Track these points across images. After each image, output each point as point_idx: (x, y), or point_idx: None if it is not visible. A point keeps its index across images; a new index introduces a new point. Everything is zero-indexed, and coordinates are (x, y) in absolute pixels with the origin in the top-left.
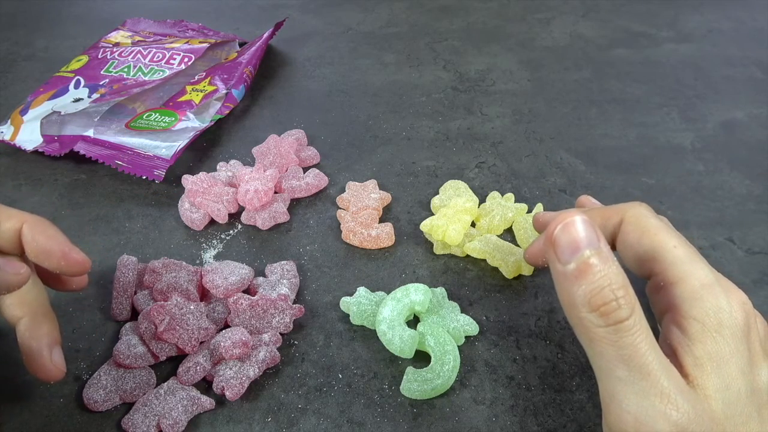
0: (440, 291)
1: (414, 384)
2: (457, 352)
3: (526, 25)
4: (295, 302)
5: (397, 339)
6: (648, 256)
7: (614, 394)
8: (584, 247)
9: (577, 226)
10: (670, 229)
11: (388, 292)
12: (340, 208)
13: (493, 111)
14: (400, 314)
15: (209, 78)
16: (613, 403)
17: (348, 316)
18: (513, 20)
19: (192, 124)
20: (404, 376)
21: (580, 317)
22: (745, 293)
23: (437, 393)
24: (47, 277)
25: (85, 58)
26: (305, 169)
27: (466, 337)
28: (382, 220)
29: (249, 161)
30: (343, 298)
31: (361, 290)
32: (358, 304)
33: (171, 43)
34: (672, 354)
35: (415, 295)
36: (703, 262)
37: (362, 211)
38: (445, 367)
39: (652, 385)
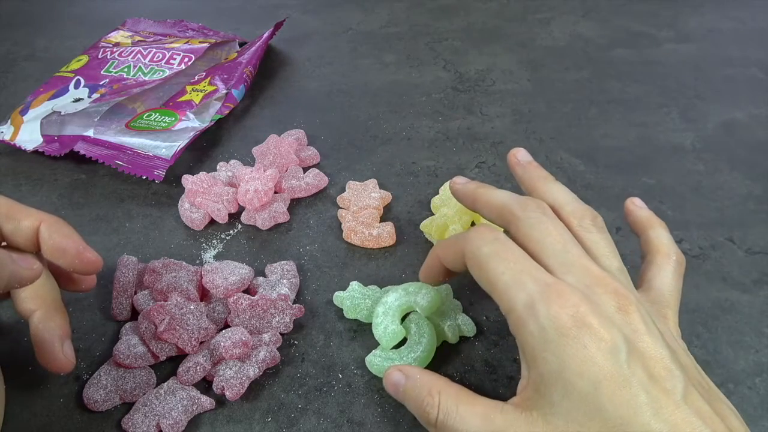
0: (445, 288)
1: (377, 359)
2: (432, 347)
3: (526, 25)
4: (295, 302)
5: (382, 327)
6: (489, 290)
7: None
8: (399, 386)
9: (390, 377)
10: (504, 249)
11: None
12: (341, 208)
13: (493, 111)
14: (401, 307)
15: (209, 78)
16: None
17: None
18: (513, 20)
19: (192, 124)
20: (373, 350)
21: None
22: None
23: None
24: (58, 277)
25: (85, 58)
26: (305, 169)
27: (465, 337)
28: (382, 220)
29: (249, 161)
30: (336, 293)
31: (354, 284)
32: (351, 298)
33: (171, 43)
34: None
35: (422, 299)
36: (530, 277)
37: (363, 211)
38: (411, 354)
39: None
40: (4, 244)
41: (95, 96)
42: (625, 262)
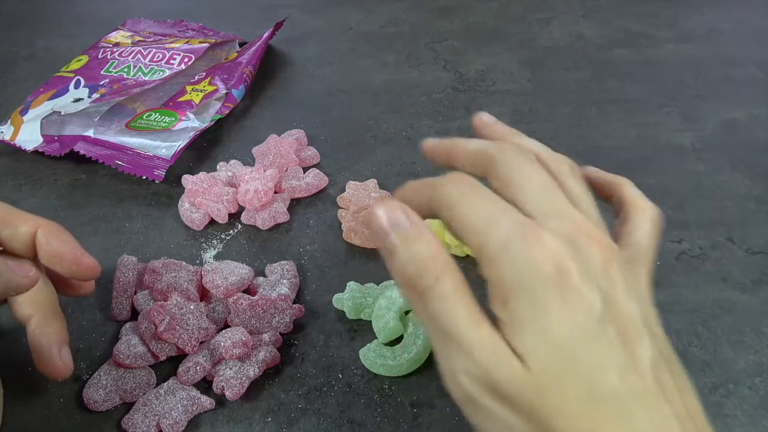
0: None
1: (371, 353)
2: (427, 349)
3: (526, 25)
4: (295, 302)
5: (383, 321)
6: (459, 232)
7: (438, 360)
8: (389, 231)
9: (378, 215)
10: (481, 191)
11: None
12: (341, 208)
13: (493, 111)
14: (404, 303)
15: (209, 78)
16: (440, 368)
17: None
18: (513, 20)
19: (192, 124)
20: (368, 344)
21: (403, 294)
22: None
23: (388, 372)
24: (56, 282)
25: (85, 58)
26: (305, 169)
27: None
28: None
29: (249, 161)
30: (336, 296)
31: (352, 284)
32: (352, 298)
33: (171, 43)
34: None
35: None
36: (506, 216)
37: (363, 211)
38: (406, 354)
39: (455, 345)
40: (0, 249)
41: (95, 96)
42: None
